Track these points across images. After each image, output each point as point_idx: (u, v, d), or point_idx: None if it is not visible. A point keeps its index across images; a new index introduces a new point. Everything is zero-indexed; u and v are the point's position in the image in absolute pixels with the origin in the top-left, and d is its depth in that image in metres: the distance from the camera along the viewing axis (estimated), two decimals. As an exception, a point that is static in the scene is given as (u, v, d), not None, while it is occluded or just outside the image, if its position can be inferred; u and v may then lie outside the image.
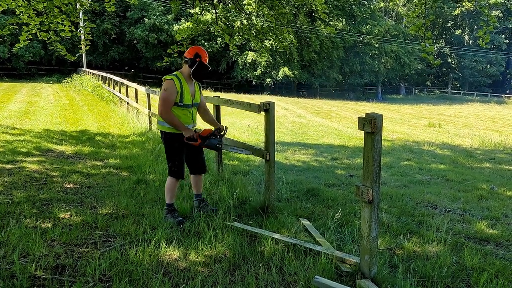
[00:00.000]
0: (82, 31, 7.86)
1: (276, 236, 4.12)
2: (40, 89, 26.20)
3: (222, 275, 3.45)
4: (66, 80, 31.86)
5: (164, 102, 4.61)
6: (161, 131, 4.82)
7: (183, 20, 44.01)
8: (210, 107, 6.69)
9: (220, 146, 4.78)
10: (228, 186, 5.81)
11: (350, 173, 7.89)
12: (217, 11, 7.22)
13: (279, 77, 45.32)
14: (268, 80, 45.77)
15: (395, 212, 5.44)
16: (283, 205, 5.34)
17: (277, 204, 5.20)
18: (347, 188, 6.75)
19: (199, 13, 7.47)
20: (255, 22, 7.55)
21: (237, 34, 7.66)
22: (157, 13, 42.74)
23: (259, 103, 4.97)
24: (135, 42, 45.59)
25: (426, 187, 7.22)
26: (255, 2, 7.08)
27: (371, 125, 3.11)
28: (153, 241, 3.92)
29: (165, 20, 42.69)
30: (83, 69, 35.09)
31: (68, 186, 5.91)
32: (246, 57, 45.00)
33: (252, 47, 39.82)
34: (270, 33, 7.28)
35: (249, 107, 5.33)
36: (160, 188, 5.84)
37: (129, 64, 49.20)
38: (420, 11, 6.11)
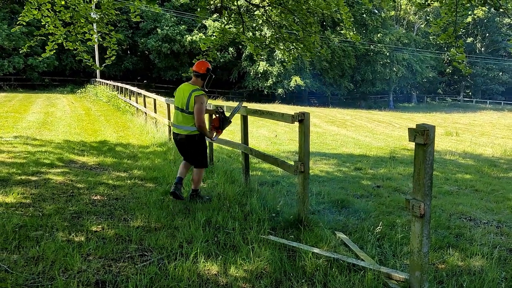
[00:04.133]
0: (98, 40, 7.91)
1: (316, 250, 4.01)
2: (55, 99, 26.39)
3: (266, 291, 3.35)
4: (80, 91, 32.10)
5: (203, 114, 5.54)
6: (192, 135, 5.65)
7: (195, 31, 44.25)
8: (237, 117, 6.63)
9: (229, 120, 5.91)
10: (258, 197, 5.71)
11: (377, 184, 7.76)
12: (244, 20, 7.19)
13: (291, 86, 45.23)
14: (279, 89, 45.71)
15: (430, 224, 5.29)
16: (316, 217, 5.23)
17: (311, 217, 5.09)
18: (377, 200, 6.62)
19: (226, 22, 7.45)
20: (282, 32, 7.50)
21: (263, 43, 7.61)
22: (170, 24, 43.01)
23: (292, 113, 4.89)
24: (147, 52, 45.91)
25: (456, 198, 7.06)
26: (282, 12, 7.03)
27: (423, 137, 3.01)
28: (191, 256, 3.83)
29: (178, 31, 42.93)
30: (96, 79, 35.36)
31: (96, 198, 5.85)
32: (258, 67, 45.03)
33: (281, 57, 39.64)
34: (296, 42, 7.22)
35: (282, 117, 5.24)
36: (189, 200, 5.77)
37: (141, 74, 49.52)
38: (450, 18, 6.00)
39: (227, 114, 6.04)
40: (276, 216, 5.18)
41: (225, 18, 7.36)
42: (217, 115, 5.84)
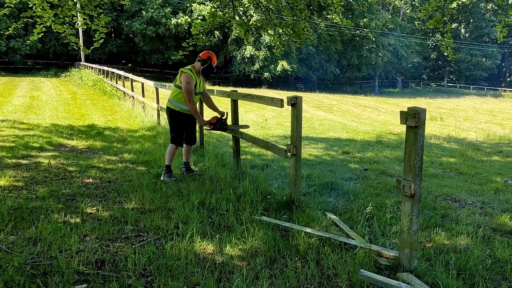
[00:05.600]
0: (78, 24, 7.87)
1: (308, 230, 4.13)
2: (39, 83, 26.03)
3: (261, 269, 3.46)
4: (64, 74, 31.66)
5: (190, 93, 5.92)
6: (170, 108, 6.15)
7: (180, 14, 43.75)
8: (227, 101, 6.79)
9: (226, 127, 6.36)
10: (250, 180, 5.80)
11: (365, 167, 7.92)
12: (235, 4, 7.19)
13: (277, 71, 45.19)
14: (266, 74, 45.63)
15: (418, 205, 5.46)
16: (308, 199, 5.35)
17: (303, 198, 5.21)
18: (364, 182, 6.78)
19: (217, 7, 7.44)
20: (272, 17, 7.51)
21: (253, 28, 7.64)
22: (155, 6, 42.45)
23: (281, 98, 4.99)
24: (132, 35, 45.32)
25: (441, 180, 7.26)
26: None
27: (414, 119, 3.12)
28: (187, 236, 3.92)
29: (163, 14, 42.43)
30: (81, 63, 34.85)
31: (88, 181, 5.89)
32: (244, 52, 44.82)
33: (268, 42, 39.41)
34: (287, 28, 7.26)
35: (271, 101, 5.31)
36: (181, 183, 5.85)
37: (126, 58, 48.95)
38: (438, 4, 6.09)
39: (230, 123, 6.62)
40: (268, 197, 5.28)
41: (216, 1, 7.35)
42: (219, 116, 6.35)
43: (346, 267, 3.46)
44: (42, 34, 7.50)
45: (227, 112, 6.45)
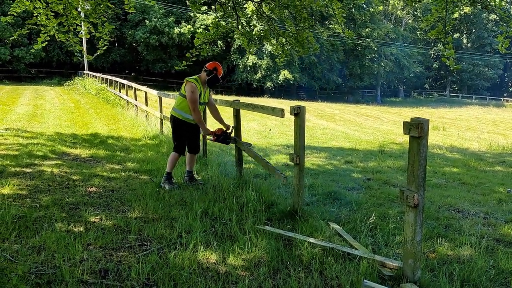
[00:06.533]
0: (82, 33, 7.98)
1: (312, 240, 4.13)
2: (42, 92, 26.16)
3: (264, 279, 3.46)
4: (67, 83, 31.81)
5: (195, 102, 5.98)
6: (174, 116, 6.21)
7: (183, 24, 44.00)
8: (230, 110, 6.85)
9: (229, 141, 6.51)
10: (253, 189, 5.81)
11: (367, 177, 7.92)
12: (238, 14, 7.26)
13: (279, 80, 45.30)
14: (268, 83, 45.76)
15: (421, 215, 5.45)
16: (311, 208, 5.35)
17: (306, 208, 5.22)
18: (367, 192, 6.77)
19: (221, 17, 7.50)
20: (275, 27, 7.57)
21: (256, 38, 7.71)
22: (158, 16, 42.72)
23: (281, 108, 5.03)
24: (135, 44, 45.57)
25: (444, 190, 7.25)
26: (278, 7, 7.11)
27: (418, 130, 3.13)
28: (191, 245, 3.92)
29: (166, 23, 42.67)
30: (84, 71, 35.03)
31: (92, 189, 5.90)
32: (247, 60, 44.99)
33: (271, 51, 39.59)
34: (291, 38, 7.32)
35: (272, 111, 5.33)
36: (184, 192, 5.85)
37: (129, 67, 49.17)
38: (440, 15, 6.14)
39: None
40: (270, 207, 5.29)
41: (220, 12, 7.41)
42: (224, 129, 6.48)
43: (350, 277, 3.45)
44: (46, 43, 7.57)
45: (232, 126, 6.53)
